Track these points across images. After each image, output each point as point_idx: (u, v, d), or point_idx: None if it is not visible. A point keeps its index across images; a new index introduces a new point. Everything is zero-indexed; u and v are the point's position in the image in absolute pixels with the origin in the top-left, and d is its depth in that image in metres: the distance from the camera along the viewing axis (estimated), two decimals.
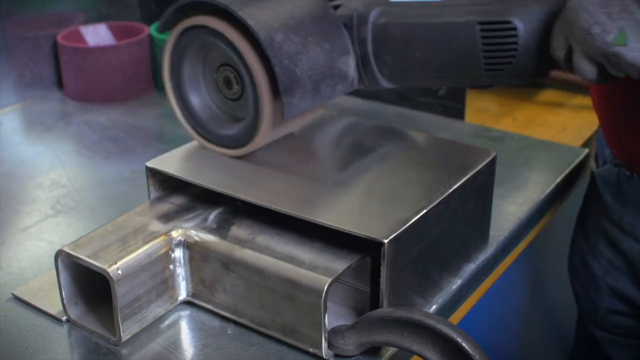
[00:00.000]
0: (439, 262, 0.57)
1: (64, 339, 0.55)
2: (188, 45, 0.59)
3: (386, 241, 0.49)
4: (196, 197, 0.60)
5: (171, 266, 0.56)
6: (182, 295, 0.57)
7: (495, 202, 0.64)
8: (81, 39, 1.02)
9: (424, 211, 0.53)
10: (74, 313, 0.55)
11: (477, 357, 0.46)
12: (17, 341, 0.54)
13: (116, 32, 1.04)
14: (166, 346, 0.53)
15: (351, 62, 0.59)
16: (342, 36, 0.59)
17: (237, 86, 0.59)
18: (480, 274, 0.62)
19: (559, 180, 0.75)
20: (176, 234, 0.56)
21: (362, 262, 0.52)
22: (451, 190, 0.56)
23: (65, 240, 0.57)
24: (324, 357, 0.51)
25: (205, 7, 0.57)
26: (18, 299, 0.58)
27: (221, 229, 0.56)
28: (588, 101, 0.96)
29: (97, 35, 1.03)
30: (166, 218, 0.57)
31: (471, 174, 0.58)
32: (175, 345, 0.53)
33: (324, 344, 0.51)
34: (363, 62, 0.60)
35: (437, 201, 0.54)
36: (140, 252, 0.53)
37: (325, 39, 0.57)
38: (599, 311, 0.79)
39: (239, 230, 0.56)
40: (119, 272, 0.51)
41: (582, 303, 0.83)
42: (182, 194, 0.60)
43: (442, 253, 0.57)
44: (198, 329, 0.55)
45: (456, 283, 0.59)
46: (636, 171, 0.71)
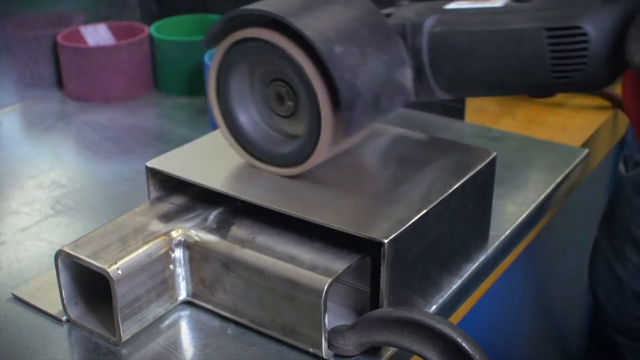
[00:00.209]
0: (439, 262, 0.57)
1: (64, 339, 0.55)
2: (237, 59, 0.56)
3: (386, 241, 0.49)
4: (196, 197, 0.60)
5: (171, 266, 0.56)
6: (182, 295, 0.57)
7: (495, 202, 0.64)
8: (81, 39, 1.02)
9: (424, 211, 0.53)
10: (74, 313, 0.55)
11: (477, 357, 0.46)
12: (17, 341, 0.54)
13: (116, 32, 1.04)
14: (166, 346, 0.53)
15: (408, 73, 0.56)
16: (398, 46, 0.56)
17: (290, 102, 0.56)
18: (480, 274, 0.62)
19: (559, 180, 0.75)
20: (176, 234, 0.56)
21: (362, 262, 0.52)
22: (451, 191, 0.56)
23: (65, 240, 0.57)
24: (324, 357, 0.51)
25: (253, 19, 0.54)
26: (18, 299, 0.58)
27: (221, 229, 0.56)
28: (588, 101, 0.96)
29: (97, 35, 1.03)
30: (166, 218, 0.57)
31: (471, 174, 0.58)
32: (175, 345, 0.53)
33: (324, 344, 0.51)
34: (418, 73, 0.57)
35: (437, 201, 0.54)
36: (140, 252, 0.53)
37: (382, 49, 0.55)
38: (622, 317, 0.77)
39: (239, 230, 0.56)
40: (119, 272, 0.51)
41: (604, 308, 0.80)
42: (182, 194, 0.60)
43: (442, 253, 0.57)
44: (198, 329, 0.55)
45: (456, 283, 0.59)
46: None
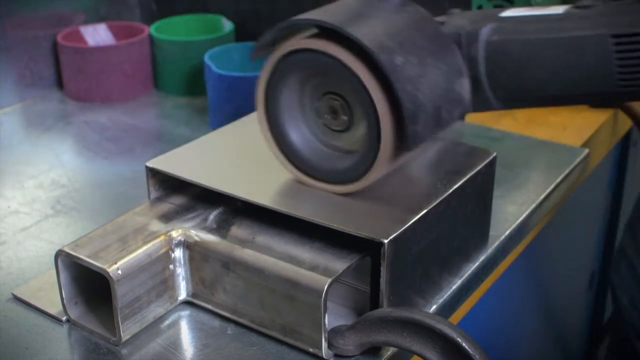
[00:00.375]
0: (439, 262, 0.57)
1: (64, 339, 0.55)
2: (288, 72, 0.53)
3: (386, 241, 0.49)
4: (196, 197, 0.60)
5: (171, 266, 0.56)
6: (182, 295, 0.57)
7: (495, 202, 0.64)
8: (81, 39, 1.02)
9: (424, 211, 0.53)
10: (74, 313, 0.55)
11: (477, 357, 0.46)
12: (17, 341, 0.54)
13: (116, 32, 1.04)
14: (166, 346, 0.53)
15: (466, 84, 0.54)
16: (456, 56, 0.54)
17: (344, 116, 0.54)
18: (480, 274, 0.62)
19: (559, 180, 0.75)
20: (176, 234, 0.56)
21: (362, 262, 0.52)
22: (451, 191, 0.56)
23: (65, 240, 0.57)
24: (324, 357, 0.51)
25: (304, 29, 0.52)
26: (18, 299, 0.58)
27: (221, 229, 0.56)
28: None
29: (97, 35, 1.03)
30: (166, 218, 0.57)
31: (471, 174, 0.58)
32: (175, 345, 0.53)
33: (324, 344, 0.51)
34: (473, 83, 0.55)
35: (437, 201, 0.54)
36: (140, 252, 0.53)
37: (440, 59, 0.52)
38: None
39: (239, 230, 0.56)
40: (119, 272, 0.51)
41: (628, 314, 0.79)
42: (182, 194, 0.60)
43: (442, 253, 0.57)
44: (198, 329, 0.55)
45: (456, 283, 0.59)
46: None
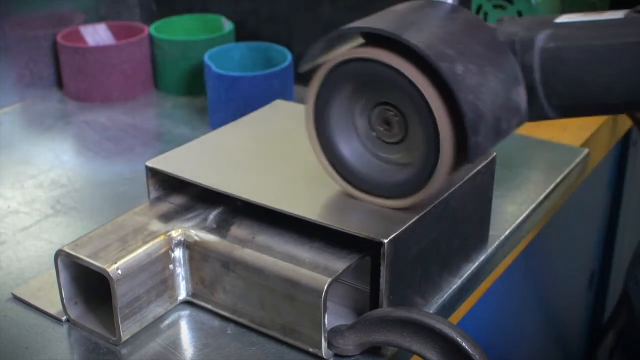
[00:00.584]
0: (439, 262, 0.57)
1: (64, 339, 0.55)
2: (340, 82, 0.52)
3: (386, 241, 0.49)
4: (196, 197, 0.60)
5: (171, 266, 0.56)
6: (182, 295, 0.57)
7: (495, 202, 0.64)
8: (81, 39, 1.02)
9: (424, 211, 0.53)
10: (74, 313, 0.55)
11: (477, 357, 0.46)
12: (17, 341, 0.54)
13: (116, 32, 1.04)
14: (166, 346, 0.53)
15: (523, 93, 0.52)
16: (513, 64, 0.52)
17: (398, 128, 0.52)
18: (480, 274, 0.62)
19: (559, 180, 0.75)
20: (176, 234, 0.56)
21: (362, 262, 0.52)
22: (451, 191, 0.56)
23: (65, 240, 0.57)
24: (324, 357, 0.51)
25: (349, 40, 0.51)
26: (18, 299, 0.58)
27: (221, 229, 0.56)
28: None
29: (97, 35, 1.03)
30: (166, 218, 0.57)
31: (471, 174, 0.58)
32: (175, 345, 0.53)
33: (324, 344, 0.51)
34: (528, 92, 0.53)
35: (437, 201, 0.54)
36: (140, 252, 0.53)
37: (498, 67, 0.51)
38: None
39: (239, 230, 0.56)
40: (119, 272, 0.51)
41: None
42: (182, 194, 0.60)
43: (442, 253, 0.57)
44: (198, 329, 0.55)
45: (456, 283, 0.59)
46: None
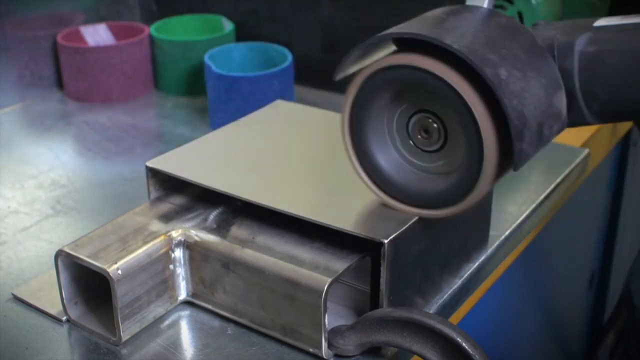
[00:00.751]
0: (439, 262, 0.57)
1: (64, 339, 0.55)
2: (376, 90, 0.50)
3: (386, 241, 0.49)
4: (196, 197, 0.60)
5: (171, 266, 0.56)
6: (182, 295, 0.57)
7: (495, 202, 0.64)
8: (81, 39, 1.02)
9: None
10: (74, 313, 0.55)
11: (477, 357, 0.46)
12: (17, 341, 0.54)
13: (116, 32, 1.04)
14: (166, 346, 0.53)
15: (563, 98, 0.51)
16: (553, 68, 0.50)
17: (437, 135, 0.51)
18: (480, 274, 0.62)
19: (559, 180, 0.75)
20: (176, 234, 0.56)
21: (362, 262, 0.52)
22: None
23: (65, 240, 0.57)
24: (324, 357, 0.51)
25: (382, 47, 0.50)
26: (18, 299, 0.58)
27: (221, 229, 0.56)
28: None
29: (97, 35, 1.03)
30: (166, 218, 0.57)
31: None
32: (175, 345, 0.53)
33: (324, 344, 0.51)
34: (567, 97, 0.51)
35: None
36: (140, 252, 0.53)
37: (539, 72, 0.49)
38: None
39: (239, 230, 0.56)
40: (119, 272, 0.51)
41: None
42: (182, 194, 0.60)
43: (442, 253, 0.57)
44: (198, 329, 0.55)
45: (456, 283, 0.59)
46: None
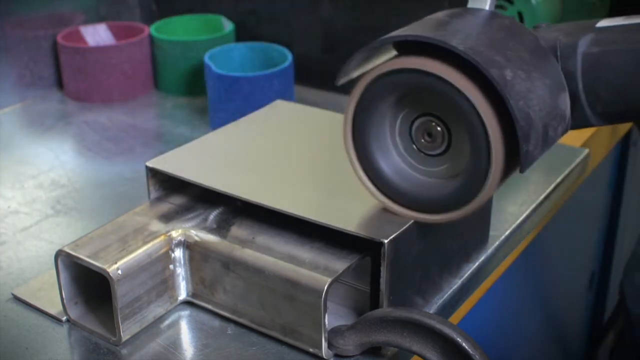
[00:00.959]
0: (439, 263, 0.57)
1: (64, 339, 0.55)
2: (379, 95, 0.50)
3: (386, 241, 0.49)
4: (196, 197, 0.60)
5: (171, 266, 0.56)
6: (182, 295, 0.57)
7: (495, 202, 0.64)
8: (81, 39, 1.02)
9: None
10: (74, 313, 0.55)
11: (477, 357, 0.46)
12: (17, 341, 0.54)
13: (116, 32, 1.04)
14: (166, 346, 0.53)
15: (567, 99, 0.50)
16: (557, 69, 0.50)
17: (441, 139, 0.50)
18: (480, 274, 0.62)
19: (559, 180, 0.75)
20: (176, 234, 0.56)
21: (362, 262, 0.52)
22: None
23: (65, 240, 0.57)
24: (324, 357, 0.51)
25: (385, 50, 0.50)
26: (18, 299, 0.58)
27: (221, 229, 0.56)
28: None
29: (97, 35, 1.03)
30: (166, 218, 0.57)
31: None
32: (175, 345, 0.53)
33: (324, 344, 0.51)
34: (571, 99, 0.51)
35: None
36: (140, 252, 0.53)
37: (544, 73, 0.49)
38: None
39: (239, 230, 0.56)
40: (119, 272, 0.51)
41: (638, 324, 0.78)
42: (182, 194, 0.60)
43: (442, 253, 0.57)
44: (198, 329, 0.55)
45: (456, 283, 0.59)
46: None
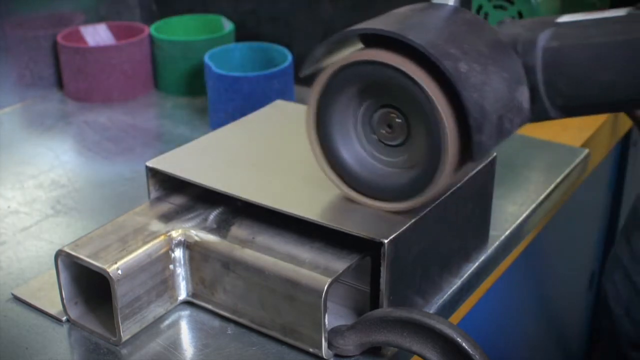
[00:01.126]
0: (439, 262, 0.57)
1: (64, 339, 0.55)
2: (341, 87, 0.51)
3: (386, 241, 0.49)
4: (196, 197, 0.60)
5: (171, 266, 0.56)
6: (182, 295, 0.57)
7: (495, 202, 0.64)
8: (81, 39, 1.02)
9: (424, 212, 0.53)
10: (74, 313, 0.55)
11: (477, 357, 0.46)
12: (17, 341, 0.54)
13: (116, 32, 1.04)
14: (166, 346, 0.53)
15: (526, 92, 0.52)
16: (516, 64, 0.51)
17: (400, 129, 0.52)
18: (480, 274, 0.62)
19: (559, 180, 0.75)
20: (176, 234, 0.56)
21: (362, 262, 0.52)
22: (451, 191, 0.56)
23: (65, 240, 0.57)
24: (324, 357, 0.51)
25: (349, 43, 0.51)
26: (18, 299, 0.58)
27: (221, 229, 0.56)
28: None
29: (97, 35, 1.03)
30: (166, 218, 0.57)
31: (471, 174, 0.58)
32: (175, 345, 0.53)
33: (324, 344, 0.51)
34: (531, 92, 0.52)
35: (438, 202, 0.54)
36: (140, 252, 0.53)
37: (502, 67, 0.50)
38: None
39: (239, 230, 0.56)
40: (119, 272, 0.51)
41: (621, 324, 0.78)
42: (182, 194, 0.60)
43: (442, 253, 0.57)
44: (198, 329, 0.55)
45: (456, 283, 0.59)
46: None
